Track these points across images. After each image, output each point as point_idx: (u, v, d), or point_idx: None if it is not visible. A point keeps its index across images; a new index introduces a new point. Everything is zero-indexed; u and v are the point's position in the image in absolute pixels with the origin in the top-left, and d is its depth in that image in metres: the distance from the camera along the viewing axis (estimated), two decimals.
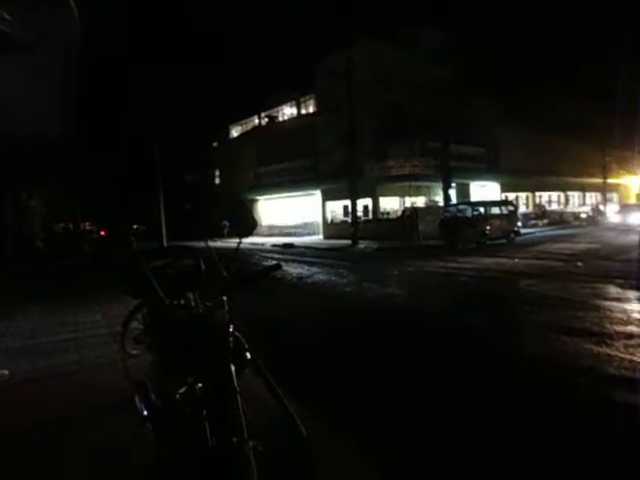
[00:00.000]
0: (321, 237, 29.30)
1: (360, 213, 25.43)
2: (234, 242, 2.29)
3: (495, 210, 20.83)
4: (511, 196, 30.48)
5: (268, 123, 38.66)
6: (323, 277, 12.12)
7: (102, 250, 22.10)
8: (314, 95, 33.71)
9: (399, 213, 26.53)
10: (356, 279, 11.53)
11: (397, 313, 7.57)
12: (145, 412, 2.15)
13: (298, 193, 32.85)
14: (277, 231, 33.66)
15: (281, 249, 23.24)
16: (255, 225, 2.41)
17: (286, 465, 2.64)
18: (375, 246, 20.81)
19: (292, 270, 13.65)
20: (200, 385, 1.93)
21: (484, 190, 30.93)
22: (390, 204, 27.64)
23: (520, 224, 23.20)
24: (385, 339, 6.04)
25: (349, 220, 23.97)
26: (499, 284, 9.87)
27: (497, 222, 20.24)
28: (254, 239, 27.79)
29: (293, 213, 34.02)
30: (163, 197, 25.38)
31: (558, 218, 32.89)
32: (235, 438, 1.79)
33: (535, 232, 25.88)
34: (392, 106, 25.08)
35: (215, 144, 46.08)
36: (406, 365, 4.95)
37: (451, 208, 22.58)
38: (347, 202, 24.66)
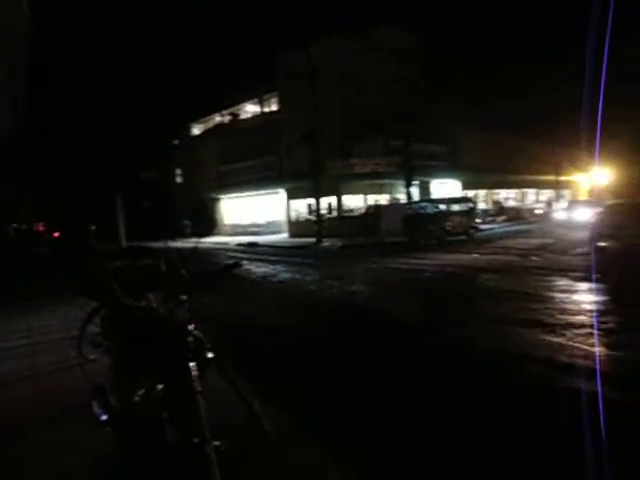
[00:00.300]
0: (286, 235, 29.20)
1: (324, 211, 25.53)
2: (195, 242, 2.27)
3: (455, 207, 21.26)
4: (471, 193, 31.27)
5: (231, 121, 38.21)
6: (288, 275, 12.11)
7: (56, 252, 21.23)
8: (277, 93, 33.57)
9: (363, 211, 26.86)
10: (321, 277, 11.59)
11: (361, 309, 7.66)
12: (104, 416, 2.10)
13: (262, 191, 32.61)
14: (241, 230, 33.20)
15: (245, 248, 23.03)
16: (215, 225, 2.40)
17: (251, 464, 2.64)
18: (339, 244, 20.95)
19: (256, 269, 13.57)
20: (161, 386, 1.90)
21: (445, 187, 31.66)
22: (354, 202, 27.87)
23: (479, 220, 23.85)
24: (348, 334, 6.11)
25: (313, 218, 24.04)
26: (459, 279, 10.16)
27: (457, 219, 20.69)
28: (218, 238, 27.37)
29: (257, 212, 33.71)
30: (120, 196, 24.60)
31: (515, 214, 34.06)
32: (197, 439, 1.78)
33: (494, 228, 26.73)
34: (356, 105, 25.31)
35: (176, 142, 45.12)
36: (370, 360, 5.03)
37: (413, 205, 23.01)
38: (311, 200, 24.69)
